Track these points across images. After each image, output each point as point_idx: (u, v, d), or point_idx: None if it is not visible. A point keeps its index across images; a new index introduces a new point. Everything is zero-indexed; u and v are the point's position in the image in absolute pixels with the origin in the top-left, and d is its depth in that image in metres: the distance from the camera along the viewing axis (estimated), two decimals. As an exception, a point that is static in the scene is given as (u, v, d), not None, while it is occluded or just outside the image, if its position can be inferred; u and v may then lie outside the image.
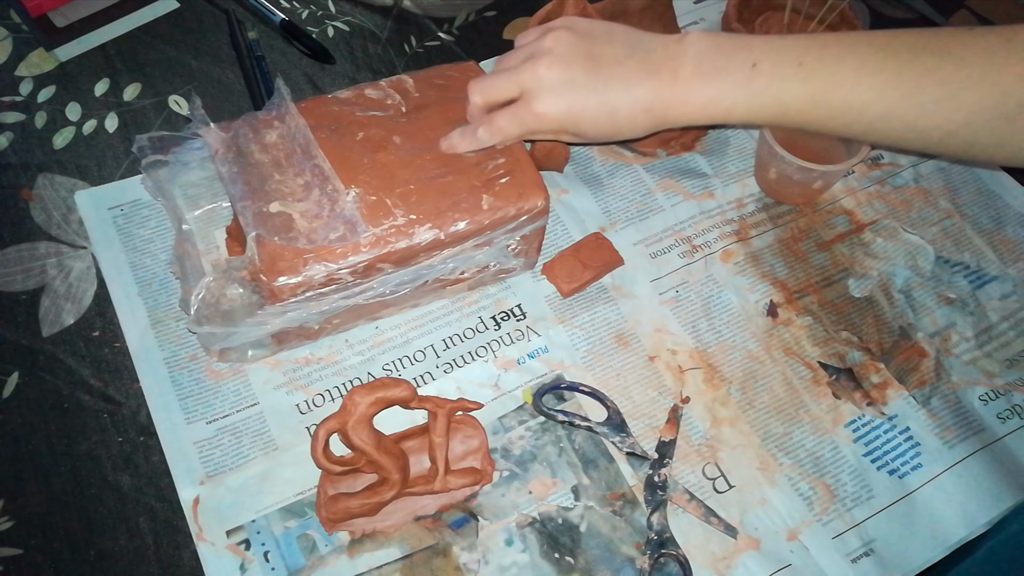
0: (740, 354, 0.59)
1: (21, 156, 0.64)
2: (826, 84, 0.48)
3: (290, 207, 0.50)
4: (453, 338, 0.58)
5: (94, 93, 0.67)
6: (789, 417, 0.57)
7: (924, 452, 0.56)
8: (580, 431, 0.55)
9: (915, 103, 0.47)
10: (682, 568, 0.51)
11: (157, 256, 0.59)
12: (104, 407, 0.54)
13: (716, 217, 0.65)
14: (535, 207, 0.53)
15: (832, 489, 0.55)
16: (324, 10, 0.74)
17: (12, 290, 0.58)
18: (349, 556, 0.50)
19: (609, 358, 0.58)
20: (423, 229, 0.51)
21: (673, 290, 0.61)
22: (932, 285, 0.63)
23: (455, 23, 0.75)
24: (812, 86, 0.49)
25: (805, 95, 0.49)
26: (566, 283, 0.59)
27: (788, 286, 0.62)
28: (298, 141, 0.53)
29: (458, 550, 0.51)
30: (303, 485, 0.52)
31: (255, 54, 0.69)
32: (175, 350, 0.56)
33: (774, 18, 0.72)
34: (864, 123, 0.49)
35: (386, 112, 0.55)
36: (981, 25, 0.75)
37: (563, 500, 0.53)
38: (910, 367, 0.60)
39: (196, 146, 0.55)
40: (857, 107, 0.48)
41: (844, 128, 0.50)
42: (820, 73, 0.48)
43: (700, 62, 0.50)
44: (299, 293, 0.49)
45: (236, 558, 0.50)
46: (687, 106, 0.50)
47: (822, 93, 0.49)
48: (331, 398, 0.55)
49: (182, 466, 0.52)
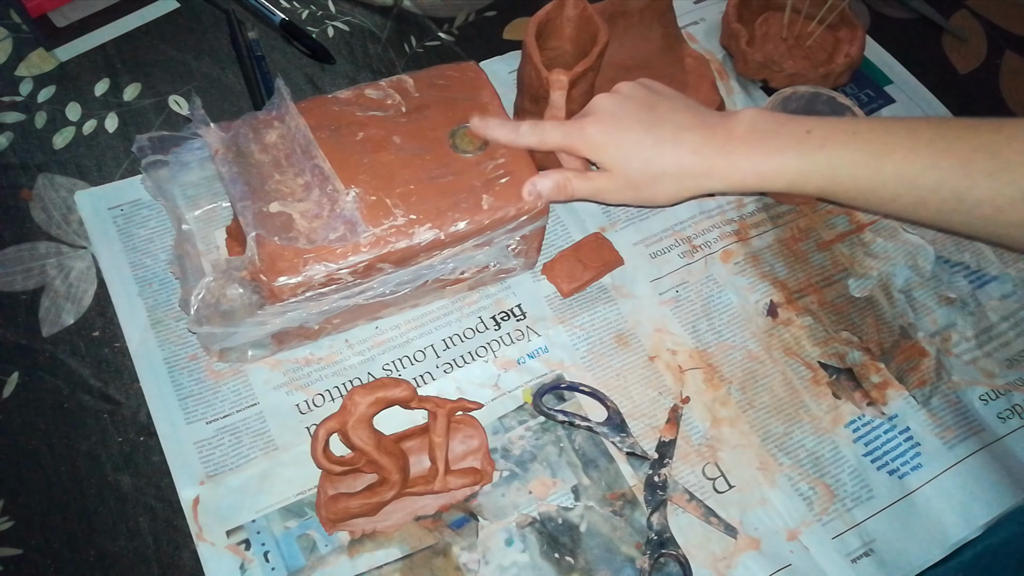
0: (740, 354, 0.59)
1: (21, 156, 0.64)
2: (879, 151, 0.49)
3: (290, 207, 0.50)
4: (453, 338, 0.58)
5: (94, 93, 0.67)
6: (789, 417, 0.57)
7: (924, 452, 0.56)
8: (580, 431, 0.55)
9: (966, 174, 0.47)
10: (682, 568, 0.51)
11: (157, 256, 0.59)
12: (104, 407, 0.54)
13: (716, 217, 0.65)
14: (535, 207, 0.53)
15: (832, 489, 0.55)
16: (324, 10, 0.74)
17: (12, 290, 0.58)
18: (349, 556, 0.50)
19: (609, 358, 0.58)
20: (423, 229, 0.51)
21: (673, 290, 0.61)
22: (932, 285, 0.63)
23: (455, 23, 0.75)
24: (865, 153, 0.49)
25: (858, 160, 0.49)
26: (566, 283, 0.59)
27: (788, 286, 0.62)
28: (298, 141, 0.53)
29: (458, 550, 0.51)
30: (303, 485, 0.52)
31: (255, 54, 0.69)
32: (175, 350, 0.56)
33: (774, 18, 0.72)
34: (914, 195, 0.49)
35: (386, 112, 0.55)
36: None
37: (563, 500, 0.53)
38: (910, 367, 0.60)
39: (196, 146, 0.55)
40: (909, 176, 0.48)
41: (892, 199, 0.50)
42: (873, 142, 0.49)
43: (755, 126, 0.51)
44: (299, 293, 0.49)
45: (236, 558, 0.50)
46: (734, 167, 0.51)
47: (875, 159, 0.49)
48: (331, 398, 0.55)
49: (182, 466, 0.52)
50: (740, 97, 0.71)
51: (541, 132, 0.53)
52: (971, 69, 0.77)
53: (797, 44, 0.71)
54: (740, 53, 0.70)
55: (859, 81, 0.74)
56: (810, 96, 0.65)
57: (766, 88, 0.72)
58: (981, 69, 0.77)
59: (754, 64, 0.70)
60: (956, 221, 0.50)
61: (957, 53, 0.78)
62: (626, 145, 0.51)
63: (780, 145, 0.50)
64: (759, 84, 0.72)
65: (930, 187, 0.48)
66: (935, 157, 0.48)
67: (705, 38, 0.75)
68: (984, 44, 0.79)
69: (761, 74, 0.70)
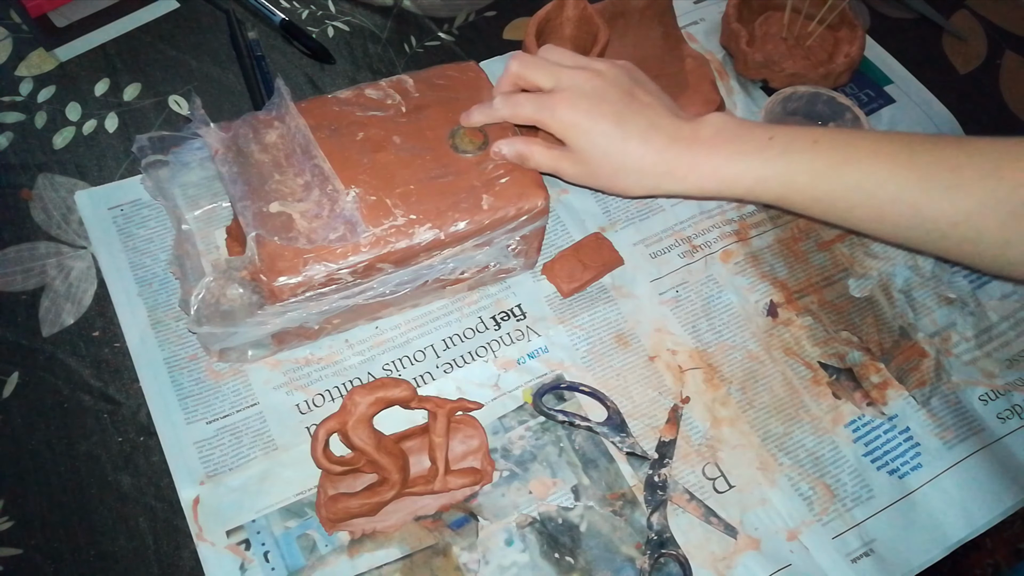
0: (740, 354, 0.59)
1: (21, 156, 0.64)
2: (840, 160, 0.49)
3: (290, 207, 0.50)
4: (453, 338, 0.58)
5: (94, 93, 0.67)
6: (789, 417, 0.57)
7: (924, 452, 0.56)
8: (580, 431, 0.55)
9: (925, 188, 0.47)
10: (682, 568, 0.51)
11: (157, 256, 0.59)
12: (104, 407, 0.54)
13: (716, 217, 0.65)
14: (535, 207, 0.53)
15: (832, 489, 0.55)
16: (324, 10, 0.74)
17: (12, 290, 0.58)
18: (349, 556, 0.50)
19: (609, 358, 0.58)
20: (423, 229, 0.51)
21: (673, 290, 0.61)
22: (932, 285, 0.63)
23: (455, 23, 0.75)
24: (825, 161, 0.49)
25: (818, 168, 0.49)
26: (566, 283, 0.59)
27: (788, 286, 0.62)
28: (298, 141, 0.53)
29: (458, 550, 0.51)
30: (303, 485, 0.52)
31: (255, 54, 0.69)
32: (175, 350, 0.56)
33: (774, 18, 0.72)
34: (872, 206, 0.49)
35: (386, 112, 0.55)
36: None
37: (563, 500, 0.53)
38: (910, 367, 0.60)
39: (196, 146, 0.55)
40: (868, 187, 0.48)
41: (848, 211, 0.50)
42: (835, 151, 0.49)
43: (719, 131, 0.52)
44: (299, 293, 0.49)
45: (236, 558, 0.50)
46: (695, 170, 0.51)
47: (835, 167, 0.49)
48: (331, 398, 0.55)
49: (182, 466, 0.52)
50: (740, 97, 0.71)
51: (514, 104, 0.53)
52: (971, 69, 0.77)
53: (797, 44, 0.71)
54: (740, 53, 0.70)
55: (859, 81, 0.74)
56: (810, 96, 0.65)
57: (766, 88, 0.72)
58: (981, 69, 0.77)
59: (754, 64, 0.70)
60: (913, 237, 0.50)
61: (957, 53, 0.78)
62: (594, 134, 0.51)
63: (742, 149, 0.51)
64: (759, 84, 0.72)
65: (889, 199, 0.48)
66: (896, 169, 0.48)
67: (705, 38, 0.75)
68: (984, 44, 0.79)
69: (761, 74, 0.70)
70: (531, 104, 0.53)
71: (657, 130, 0.52)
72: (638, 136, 0.51)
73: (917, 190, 0.47)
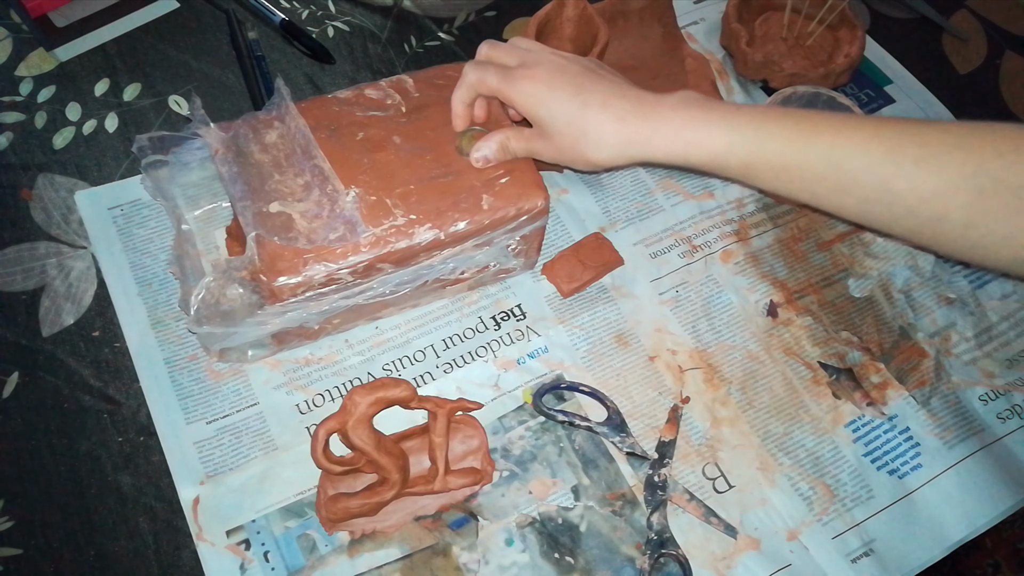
0: (740, 354, 0.59)
1: (21, 156, 0.64)
2: (809, 130, 0.48)
3: (290, 207, 0.50)
4: (453, 338, 0.58)
5: (94, 93, 0.67)
6: (789, 417, 0.57)
7: (924, 452, 0.56)
8: (580, 431, 0.55)
9: (893, 160, 0.46)
10: (682, 568, 0.51)
11: (157, 256, 0.59)
12: (104, 407, 0.54)
13: (716, 217, 0.65)
14: (535, 207, 0.53)
15: (832, 489, 0.55)
16: (324, 10, 0.74)
17: (12, 290, 0.58)
18: (349, 556, 0.50)
19: (609, 358, 0.58)
20: (423, 229, 0.51)
21: (673, 290, 0.61)
22: (932, 285, 0.63)
23: (455, 23, 0.75)
24: (795, 131, 0.48)
25: (788, 136, 0.48)
26: (566, 283, 0.59)
27: (788, 286, 0.62)
28: (298, 141, 0.53)
29: (458, 550, 0.51)
30: (303, 485, 0.52)
31: (255, 54, 0.69)
32: (175, 350, 0.56)
33: (774, 18, 0.72)
34: (839, 178, 0.48)
35: (386, 112, 0.55)
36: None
37: (563, 500, 0.53)
38: (910, 367, 0.60)
39: (196, 146, 0.55)
40: (836, 158, 0.48)
41: (817, 181, 0.49)
42: (804, 122, 0.49)
43: (686, 100, 0.51)
44: (299, 293, 0.49)
45: (236, 558, 0.50)
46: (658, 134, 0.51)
47: (804, 136, 0.48)
48: (331, 398, 0.55)
49: (182, 466, 0.52)
50: (740, 97, 0.71)
51: (482, 70, 0.53)
52: (971, 69, 0.77)
53: (797, 44, 0.71)
54: (740, 53, 0.70)
55: (859, 81, 0.74)
56: (810, 96, 0.65)
57: (766, 88, 0.72)
58: (981, 69, 0.77)
59: (754, 64, 0.70)
60: (878, 212, 0.49)
61: (957, 53, 0.78)
62: (553, 104, 0.51)
63: (708, 116, 0.50)
64: (759, 84, 0.72)
65: (857, 171, 0.47)
66: (865, 142, 0.47)
67: (705, 38, 0.75)
68: (984, 44, 0.79)
69: (761, 74, 0.70)
70: (496, 76, 0.53)
71: (618, 97, 0.51)
72: (598, 103, 0.51)
73: (887, 161, 0.47)
